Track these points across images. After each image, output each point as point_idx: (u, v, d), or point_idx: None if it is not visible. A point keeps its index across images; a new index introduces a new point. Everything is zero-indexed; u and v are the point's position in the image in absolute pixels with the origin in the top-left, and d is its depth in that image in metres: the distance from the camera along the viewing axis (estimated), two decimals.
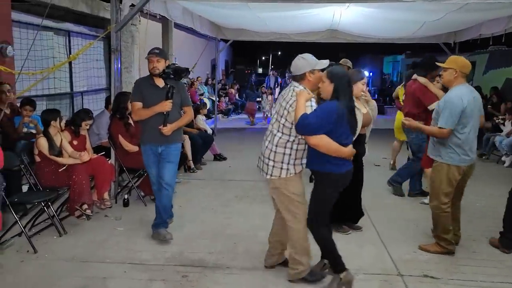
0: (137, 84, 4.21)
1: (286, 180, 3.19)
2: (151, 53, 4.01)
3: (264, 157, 3.25)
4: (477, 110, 3.78)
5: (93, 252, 3.88)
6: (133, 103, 4.09)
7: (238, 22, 9.02)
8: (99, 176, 4.70)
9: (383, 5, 6.09)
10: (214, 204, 5.37)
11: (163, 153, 4.11)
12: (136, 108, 4.07)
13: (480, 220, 4.87)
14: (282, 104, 3.16)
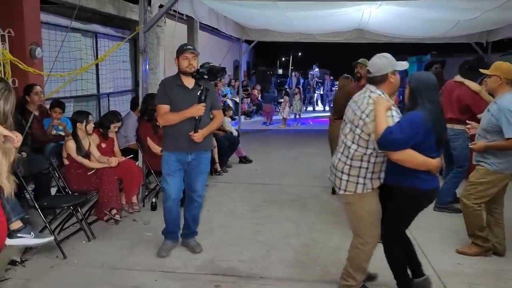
0: (163, 84, 3.75)
1: (361, 196, 2.88)
2: (186, 49, 3.61)
3: (337, 170, 2.94)
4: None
5: (123, 259, 3.79)
6: (159, 106, 3.67)
7: (263, 22, 8.89)
8: (127, 179, 4.62)
9: (420, 4, 5.86)
10: (242, 209, 5.24)
11: (194, 162, 3.74)
12: (163, 112, 3.64)
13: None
14: (357, 113, 2.82)
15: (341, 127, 3.06)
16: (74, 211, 4.12)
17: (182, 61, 3.64)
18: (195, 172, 3.79)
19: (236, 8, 7.27)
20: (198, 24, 9.07)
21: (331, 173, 3.05)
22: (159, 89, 3.76)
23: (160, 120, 3.76)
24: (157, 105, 3.71)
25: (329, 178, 3.10)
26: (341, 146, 2.94)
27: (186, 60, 3.62)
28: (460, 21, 7.46)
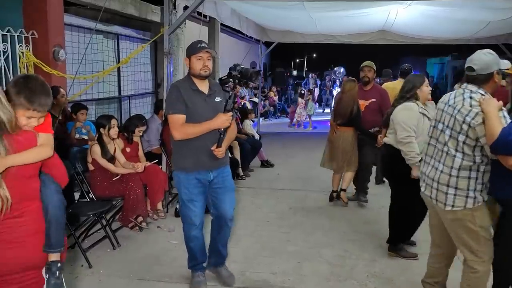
0: (176, 89, 3.05)
1: (473, 210, 2.58)
2: (201, 47, 2.99)
3: (440, 183, 2.63)
4: None
5: (150, 269, 3.65)
6: (174, 116, 2.96)
7: (286, 23, 8.74)
8: (153, 185, 4.49)
9: (454, 3, 5.64)
10: (269, 216, 5.07)
11: (217, 180, 3.17)
12: (180, 124, 2.95)
13: None
14: (457, 117, 2.54)
15: (429, 134, 2.82)
16: (98, 218, 4.00)
17: (195, 62, 3.01)
18: (221, 191, 3.20)
19: (260, 9, 7.13)
20: (219, 26, 8.96)
21: (429, 187, 2.72)
22: (172, 95, 3.04)
23: (176, 134, 2.97)
24: (171, 115, 2.98)
25: (425, 192, 2.78)
26: (440, 155, 2.65)
27: (200, 61, 3.00)
28: (491, 21, 7.21)
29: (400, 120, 3.63)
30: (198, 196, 3.15)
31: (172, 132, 2.99)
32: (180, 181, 3.12)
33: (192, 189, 3.11)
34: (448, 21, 7.19)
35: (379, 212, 5.02)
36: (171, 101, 3.03)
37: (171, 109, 2.99)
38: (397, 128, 3.64)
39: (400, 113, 3.68)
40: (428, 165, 2.77)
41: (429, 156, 2.79)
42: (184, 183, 3.12)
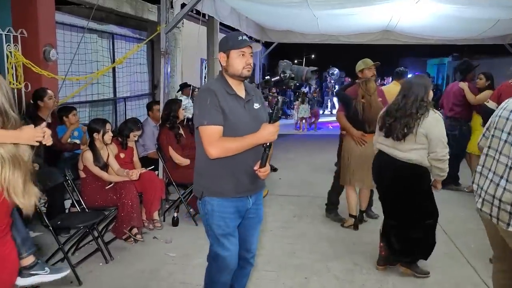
0: (210, 93, 2.35)
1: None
2: (244, 41, 2.38)
3: (502, 202, 2.29)
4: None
5: (145, 285, 3.38)
6: (210, 127, 2.30)
7: (287, 22, 8.50)
8: (148, 193, 4.22)
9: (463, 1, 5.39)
10: (271, 224, 4.80)
11: (253, 209, 2.57)
12: (217, 138, 2.30)
13: None
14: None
15: (488, 144, 2.47)
16: (90, 230, 3.72)
17: (236, 59, 2.38)
18: (253, 222, 2.62)
19: (261, 7, 6.87)
20: (218, 25, 8.70)
21: (490, 205, 2.37)
22: (206, 101, 2.34)
23: (213, 151, 2.30)
24: (205, 126, 2.31)
25: (481, 209, 2.45)
26: (503, 170, 2.31)
27: (243, 57, 2.38)
28: (500, 20, 6.96)
29: (440, 136, 3.18)
30: (236, 231, 2.52)
31: (207, 148, 2.30)
32: (214, 211, 2.43)
33: (230, 221, 2.46)
34: (456, 20, 6.93)
35: None
36: (205, 108, 2.33)
37: (205, 119, 2.32)
38: (436, 145, 3.17)
39: (437, 127, 3.19)
40: (486, 179, 2.43)
41: (487, 169, 2.44)
42: (221, 213, 2.43)
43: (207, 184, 2.44)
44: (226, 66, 2.44)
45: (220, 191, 2.42)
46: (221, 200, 2.42)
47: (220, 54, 2.45)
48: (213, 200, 2.42)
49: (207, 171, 2.44)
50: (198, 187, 2.49)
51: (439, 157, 3.18)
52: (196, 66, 12.37)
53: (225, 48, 2.42)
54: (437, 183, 3.38)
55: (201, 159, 2.45)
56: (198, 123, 2.36)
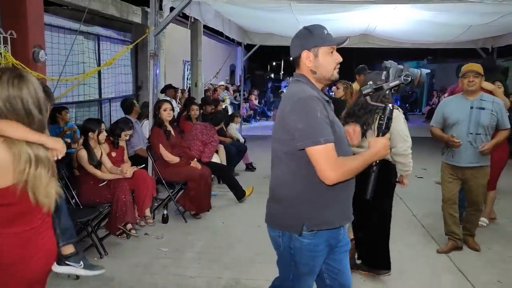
0: (318, 102, 1.92)
1: None
2: (332, 38, 2.01)
3: None
4: None
5: (140, 278, 3.51)
6: (327, 147, 1.85)
7: (269, 25, 8.69)
8: (140, 191, 4.33)
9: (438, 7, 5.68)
10: (258, 220, 4.93)
11: (343, 240, 2.16)
12: (335, 159, 1.86)
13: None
14: None
15: None
16: (84, 226, 3.82)
17: (326, 57, 2.00)
18: (345, 252, 2.19)
19: (244, 11, 7.04)
20: (202, 28, 8.84)
21: None
22: (317, 112, 1.87)
23: (332, 175, 1.84)
24: (322, 145, 1.84)
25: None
26: None
27: (333, 56, 2.02)
28: (472, 25, 7.32)
29: (399, 130, 3.16)
30: (319, 266, 2.13)
31: (327, 172, 1.84)
32: (307, 249, 2.00)
33: (318, 259, 2.06)
34: (431, 25, 7.26)
35: None
36: (316, 122, 1.86)
37: (321, 136, 1.84)
38: (397, 140, 3.14)
39: (396, 122, 3.11)
40: None
41: None
42: (312, 251, 2.01)
43: (310, 215, 1.97)
44: (314, 67, 2.01)
45: (326, 221, 1.99)
46: (314, 236, 1.98)
47: (305, 53, 2.01)
48: (307, 236, 1.98)
49: (309, 198, 1.97)
50: (293, 219, 2.00)
51: (400, 152, 3.20)
52: (179, 68, 12.48)
53: (311, 45, 1.99)
54: (404, 178, 3.43)
55: (295, 185, 1.98)
56: (310, 142, 1.84)
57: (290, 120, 1.92)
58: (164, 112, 4.94)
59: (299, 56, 2.03)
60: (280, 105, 2.09)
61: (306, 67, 2.03)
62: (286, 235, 2.05)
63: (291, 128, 1.91)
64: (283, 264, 2.17)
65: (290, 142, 1.93)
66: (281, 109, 2.02)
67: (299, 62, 2.05)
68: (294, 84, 2.06)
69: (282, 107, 2.02)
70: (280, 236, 2.08)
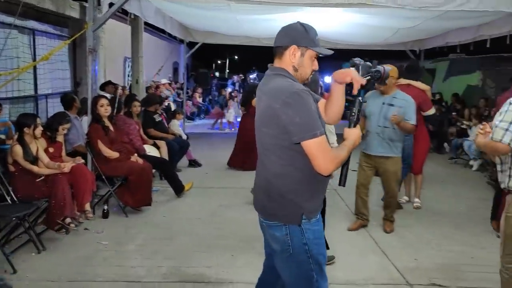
0: (309, 95, 1.96)
1: None
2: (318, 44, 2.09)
3: None
4: None
5: (81, 270, 3.54)
6: (322, 139, 1.90)
7: (211, 24, 8.81)
8: (80, 185, 4.32)
9: (367, 11, 6.11)
10: (200, 213, 5.12)
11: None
12: (330, 150, 1.94)
13: (469, 224, 4.93)
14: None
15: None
16: (21, 221, 3.78)
17: (308, 61, 2.05)
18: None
19: (185, 9, 7.13)
20: (142, 24, 8.80)
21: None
22: (311, 106, 1.91)
23: (331, 166, 1.92)
24: (318, 137, 1.88)
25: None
26: None
27: (315, 61, 2.09)
28: (400, 29, 7.89)
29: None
30: None
31: (325, 164, 1.90)
32: (315, 236, 2.05)
33: (323, 245, 2.13)
34: (363, 27, 7.74)
35: None
36: (311, 115, 1.89)
37: (317, 129, 1.88)
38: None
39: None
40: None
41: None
42: (320, 238, 2.10)
43: (307, 205, 2.02)
44: (297, 65, 2.03)
45: (314, 210, 2.06)
46: (316, 222, 2.06)
47: (293, 48, 2.00)
48: (311, 224, 2.03)
49: (304, 190, 2.02)
50: (291, 212, 2.01)
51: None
52: (119, 64, 12.27)
53: (303, 43, 2.01)
54: None
55: (290, 177, 2.00)
56: (308, 136, 1.87)
57: (284, 114, 1.89)
58: (101, 108, 4.94)
59: (285, 48, 2.01)
60: (262, 99, 2.04)
61: (289, 61, 2.03)
62: (295, 231, 2.00)
63: (287, 123, 1.89)
64: (299, 265, 2.03)
65: (283, 136, 1.93)
66: (268, 103, 1.96)
67: (283, 53, 2.03)
68: (278, 78, 2.01)
69: (268, 101, 1.97)
70: (287, 234, 2.01)
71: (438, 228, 4.78)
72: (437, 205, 5.61)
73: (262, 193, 2.13)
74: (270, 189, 2.06)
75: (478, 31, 7.61)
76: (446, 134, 10.03)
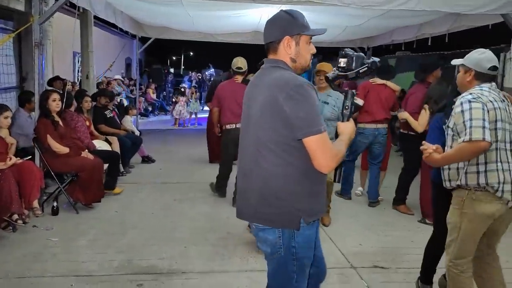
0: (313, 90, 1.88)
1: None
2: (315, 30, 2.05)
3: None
4: None
5: (29, 267, 3.48)
6: (325, 134, 1.83)
7: (163, 19, 8.76)
8: (27, 182, 4.22)
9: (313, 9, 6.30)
10: (153, 208, 5.13)
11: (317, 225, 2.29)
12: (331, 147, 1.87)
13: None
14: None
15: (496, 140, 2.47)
16: None
17: (305, 47, 1.98)
18: (318, 238, 2.20)
19: (136, 3, 7.06)
20: (92, 18, 8.61)
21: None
22: (315, 100, 1.84)
23: (332, 163, 1.87)
24: (322, 133, 1.81)
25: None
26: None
27: (311, 45, 2.03)
28: (348, 26, 8.18)
29: None
30: None
31: (328, 161, 1.83)
32: (305, 240, 1.98)
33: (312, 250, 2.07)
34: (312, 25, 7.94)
35: None
36: (316, 110, 1.82)
37: (321, 124, 1.81)
38: None
39: None
40: (509, 171, 2.52)
41: (506, 162, 2.52)
42: (313, 236, 2.05)
43: (306, 208, 1.92)
44: (294, 55, 1.95)
45: (317, 211, 1.99)
46: (315, 223, 2.02)
47: (287, 39, 1.92)
48: (304, 229, 1.93)
49: (304, 191, 1.91)
50: (289, 216, 1.91)
51: None
52: (68, 59, 11.91)
53: (294, 31, 1.93)
54: None
55: (288, 177, 1.89)
56: (313, 131, 1.78)
57: (288, 107, 1.79)
58: (53, 103, 4.84)
59: (278, 41, 1.93)
60: (261, 91, 1.91)
61: (285, 54, 1.94)
62: (286, 233, 1.92)
63: (290, 117, 1.79)
64: (284, 265, 1.98)
65: (283, 131, 1.83)
66: (271, 95, 1.85)
67: (276, 47, 1.94)
68: (278, 70, 1.92)
69: (271, 93, 1.85)
70: (280, 236, 1.93)
71: (382, 216, 5.06)
72: (382, 195, 5.91)
73: (255, 196, 1.96)
74: (265, 192, 1.91)
75: (420, 30, 8.04)
76: (393, 128, 10.50)
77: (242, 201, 2.09)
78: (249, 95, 2.04)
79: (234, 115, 5.06)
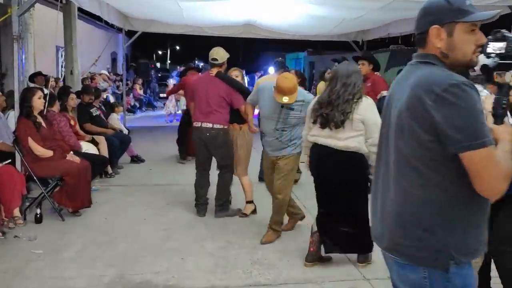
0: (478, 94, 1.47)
1: None
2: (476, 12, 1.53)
3: None
4: None
5: (10, 284, 3.15)
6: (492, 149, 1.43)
7: (151, 11, 8.37)
8: (6, 189, 3.88)
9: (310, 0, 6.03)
10: (145, 213, 4.80)
11: None
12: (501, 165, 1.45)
13: None
14: None
15: None
16: None
17: (466, 36, 1.53)
18: None
19: None
20: (76, 10, 8.19)
21: None
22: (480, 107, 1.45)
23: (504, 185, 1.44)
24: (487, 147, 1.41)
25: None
26: None
27: (473, 34, 1.55)
28: (344, 19, 7.91)
29: (376, 120, 3.09)
30: None
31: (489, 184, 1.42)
32: (464, 282, 1.55)
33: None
34: (309, 18, 7.67)
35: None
36: (478, 116, 1.41)
37: (486, 136, 1.41)
38: (373, 130, 3.06)
39: (372, 112, 3.20)
40: None
41: None
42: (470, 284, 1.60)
43: (459, 244, 1.51)
44: (446, 49, 1.56)
45: (474, 250, 1.56)
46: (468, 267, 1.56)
47: (435, 29, 1.54)
48: (460, 268, 1.52)
49: (457, 222, 1.51)
50: (435, 253, 1.51)
51: (376, 143, 3.20)
52: (51, 53, 11.44)
53: (445, 19, 1.54)
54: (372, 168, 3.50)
55: (437, 204, 1.50)
56: (475, 145, 1.39)
57: (438, 113, 1.42)
58: (39, 100, 4.50)
59: (425, 32, 1.57)
60: (405, 92, 1.54)
61: (434, 47, 1.57)
62: (438, 274, 1.52)
63: (442, 125, 1.42)
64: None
65: (432, 144, 1.46)
66: (414, 97, 1.49)
67: (425, 40, 1.59)
68: (426, 67, 1.57)
69: (414, 94, 1.49)
70: (426, 277, 1.53)
71: None
72: None
73: (393, 223, 1.60)
74: (407, 220, 1.55)
75: None
76: None
77: (378, 228, 1.68)
78: (392, 95, 1.68)
79: (201, 112, 4.58)
